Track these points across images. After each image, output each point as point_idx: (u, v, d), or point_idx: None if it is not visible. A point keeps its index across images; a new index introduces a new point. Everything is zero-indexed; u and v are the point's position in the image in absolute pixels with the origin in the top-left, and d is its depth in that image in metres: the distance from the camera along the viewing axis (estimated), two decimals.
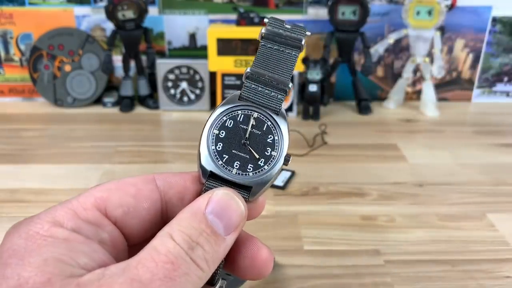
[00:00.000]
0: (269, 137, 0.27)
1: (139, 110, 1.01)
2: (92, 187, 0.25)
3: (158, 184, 0.26)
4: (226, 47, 0.93)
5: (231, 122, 0.27)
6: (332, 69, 1.01)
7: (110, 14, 0.93)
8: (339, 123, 0.95)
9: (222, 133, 0.27)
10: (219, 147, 0.27)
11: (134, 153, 0.82)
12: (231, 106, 0.27)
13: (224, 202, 0.24)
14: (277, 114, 0.27)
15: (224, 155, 0.27)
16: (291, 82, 0.27)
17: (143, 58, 1.01)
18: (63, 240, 0.22)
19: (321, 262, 0.55)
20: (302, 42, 0.28)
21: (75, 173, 0.75)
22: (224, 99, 0.27)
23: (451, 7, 0.98)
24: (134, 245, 0.26)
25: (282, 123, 0.27)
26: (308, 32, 0.28)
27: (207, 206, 0.24)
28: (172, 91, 0.99)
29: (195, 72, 0.98)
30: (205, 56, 0.97)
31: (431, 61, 0.98)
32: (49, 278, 0.20)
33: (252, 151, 0.27)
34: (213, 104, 1.00)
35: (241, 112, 0.27)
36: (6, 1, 0.98)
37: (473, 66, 1.05)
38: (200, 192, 0.27)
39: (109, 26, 0.98)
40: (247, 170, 0.26)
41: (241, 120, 0.27)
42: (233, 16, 0.99)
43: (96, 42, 1.00)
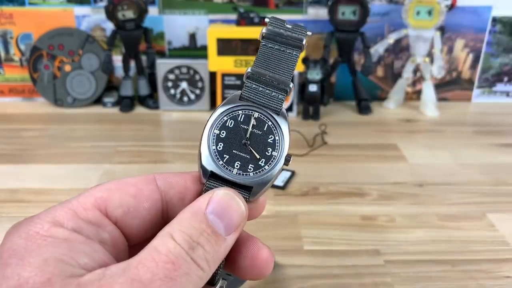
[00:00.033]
0: (269, 137, 0.27)
1: (139, 110, 1.01)
2: (92, 187, 0.25)
3: (159, 184, 0.26)
4: (226, 47, 0.93)
5: (231, 122, 0.27)
6: (332, 69, 1.01)
7: (110, 14, 0.93)
8: (339, 123, 0.95)
9: (223, 133, 0.27)
10: (219, 147, 0.27)
11: (134, 153, 0.81)
12: (231, 106, 0.27)
13: (224, 202, 0.24)
14: (278, 114, 0.27)
15: (224, 155, 0.27)
16: (291, 82, 0.27)
17: (143, 58, 1.01)
18: (63, 240, 0.22)
19: (321, 262, 0.55)
20: (303, 42, 0.28)
21: (75, 173, 0.75)
22: (225, 99, 0.27)
23: (451, 7, 0.98)
24: (134, 245, 0.26)
25: (282, 123, 0.27)
26: (309, 32, 0.28)
27: (207, 206, 0.24)
28: (172, 91, 0.99)
29: (195, 72, 0.98)
30: (205, 56, 0.97)
31: (431, 61, 0.98)
32: (49, 278, 0.20)
33: (253, 151, 0.27)
34: (213, 104, 1.00)
35: (242, 112, 0.27)
36: (6, 1, 0.98)
37: (473, 66, 1.05)
38: (200, 192, 0.27)
39: (109, 26, 0.98)
40: (248, 170, 0.26)
41: (241, 120, 0.27)
42: (233, 16, 0.99)
43: (96, 42, 1.00)
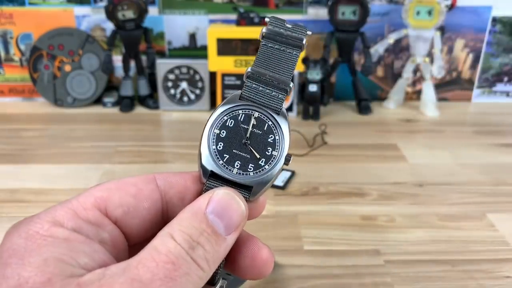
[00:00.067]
0: (270, 136, 0.27)
1: (139, 110, 1.01)
2: (92, 187, 0.25)
3: (159, 184, 0.26)
4: (226, 47, 0.93)
5: (232, 121, 0.27)
6: (332, 69, 1.01)
7: (110, 14, 0.93)
8: (339, 123, 0.95)
9: (223, 132, 0.27)
10: (220, 147, 0.27)
11: (134, 153, 0.81)
12: (232, 105, 0.27)
13: (224, 202, 0.24)
14: (278, 114, 0.27)
15: (225, 155, 0.27)
16: (292, 81, 0.27)
17: (143, 58, 1.01)
18: (63, 240, 0.22)
19: (321, 262, 0.55)
20: (303, 42, 0.28)
21: (75, 173, 0.75)
22: (225, 99, 0.27)
23: (451, 7, 0.98)
24: (134, 244, 0.26)
25: (283, 123, 0.27)
26: (309, 32, 0.28)
27: (207, 205, 0.24)
28: (172, 91, 0.99)
29: (195, 72, 0.98)
30: (205, 56, 0.97)
31: (431, 61, 0.98)
32: (49, 278, 0.20)
33: (253, 150, 0.27)
34: (213, 104, 1.00)
35: (242, 111, 0.27)
36: (6, 1, 0.98)
37: (473, 66, 1.05)
38: (200, 191, 0.27)
39: (109, 26, 0.98)
40: (248, 169, 0.26)
41: (242, 119, 0.27)
42: (233, 16, 0.99)
43: (96, 42, 1.00)
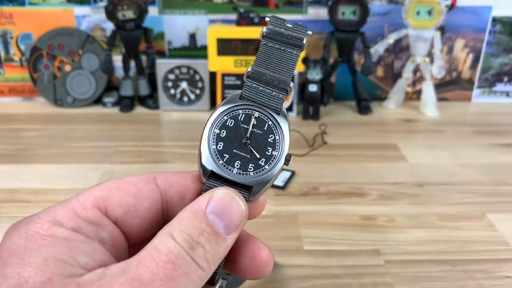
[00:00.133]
0: (270, 136, 0.27)
1: (139, 110, 1.01)
2: (92, 186, 0.25)
3: (159, 184, 0.26)
4: (226, 47, 0.93)
5: (232, 121, 0.27)
6: (332, 69, 1.01)
7: (110, 14, 0.93)
8: (339, 123, 0.95)
9: (223, 132, 0.27)
10: (220, 147, 0.27)
11: (134, 153, 0.81)
12: (232, 105, 0.27)
13: (224, 202, 0.24)
14: (278, 114, 0.27)
15: (225, 155, 0.26)
16: (292, 81, 0.27)
17: (143, 58, 1.01)
18: (63, 239, 0.22)
19: (321, 262, 0.55)
20: (304, 41, 0.28)
21: (75, 173, 0.75)
22: (225, 99, 0.27)
23: (451, 7, 0.98)
24: (134, 244, 0.26)
25: (283, 123, 0.27)
26: (309, 31, 0.28)
27: (207, 205, 0.24)
28: (172, 91, 0.99)
29: (195, 72, 0.98)
30: (205, 56, 0.97)
31: (431, 61, 0.98)
32: (49, 277, 0.20)
33: (253, 150, 0.27)
34: (213, 104, 1.00)
35: (242, 111, 0.27)
36: (6, 1, 0.98)
37: (473, 66, 1.05)
38: (200, 191, 0.27)
39: (109, 26, 0.98)
40: (248, 169, 0.26)
41: (242, 119, 0.27)
42: (233, 16, 0.99)
43: (96, 42, 1.00)
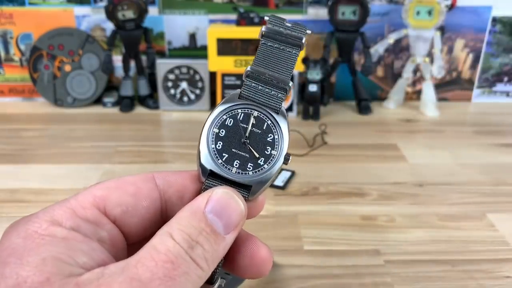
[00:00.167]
0: (269, 136, 0.27)
1: (139, 110, 1.01)
2: (91, 186, 0.25)
3: (158, 183, 0.26)
4: (226, 47, 0.93)
5: (231, 120, 0.27)
6: (332, 69, 1.01)
7: (110, 14, 0.93)
8: (339, 123, 0.94)
9: (222, 131, 0.27)
10: (219, 146, 0.27)
11: (134, 153, 0.81)
12: (231, 104, 0.27)
13: (223, 201, 0.24)
14: (277, 113, 0.27)
15: (224, 154, 0.26)
16: (291, 80, 0.27)
17: (143, 58, 1.01)
18: (61, 239, 0.22)
19: (321, 262, 0.55)
20: (303, 41, 0.28)
21: (75, 173, 0.75)
22: (224, 98, 0.27)
23: (451, 7, 0.98)
24: (133, 243, 0.26)
25: (282, 122, 0.27)
26: (308, 31, 0.28)
27: (206, 205, 0.24)
28: (172, 91, 0.99)
29: (195, 72, 0.98)
30: (205, 56, 0.97)
31: (431, 61, 0.98)
32: (48, 277, 0.20)
33: (252, 150, 0.27)
34: (213, 104, 1.00)
35: (241, 110, 0.27)
36: (6, 1, 0.98)
37: (473, 66, 1.05)
38: (199, 191, 0.27)
39: (109, 26, 0.98)
40: (247, 169, 0.26)
41: (241, 118, 0.27)
42: (233, 16, 0.99)
43: (96, 42, 1.00)
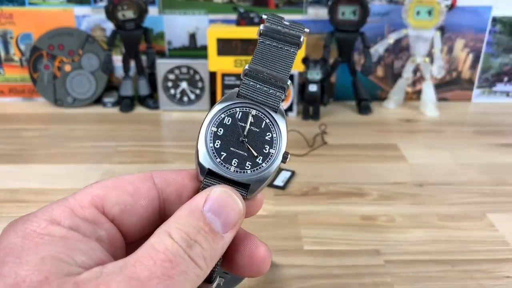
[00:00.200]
0: (267, 134, 0.27)
1: (139, 110, 1.01)
2: (89, 185, 0.25)
3: (156, 182, 0.26)
4: (226, 47, 0.93)
5: (229, 119, 0.27)
6: (332, 69, 1.01)
7: (110, 14, 0.93)
8: (339, 123, 0.94)
9: (220, 130, 0.27)
10: (217, 145, 0.27)
11: (134, 153, 0.81)
12: (229, 103, 0.27)
13: (222, 200, 0.24)
14: (276, 112, 0.27)
15: (222, 153, 0.26)
16: (289, 79, 0.27)
17: (143, 58, 1.01)
18: (60, 238, 0.22)
19: (321, 262, 0.55)
20: (301, 39, 0.28)
21: (75, 173, 0.75)
22: (223, 97, 0.27)
23: (451, 7, 0.98)
24: (131, 242, 0.26)
25: (280, 121, 0.27)
26: (306, 29, 0.28)
27: (205, 203, 0.24)
28: (172, 91, 0.99)
29: (195, 72, 0.98)
30: (205, 56, 0.97)
31: (431, 61, 0.98)
32: (46, 276, 0.20)
33: (250, 148, 0.27)
34: (213, 104, 0.99)
35: (239, 109, 0.27)
36: (6, 1, 0.98)
37: (473, 66, 1.05)
38: (198, 189, 0.27)
39: (109, 26, 0.98)
40: (245, 167, 0.26)
41: (239, 117, 0.27)
42: (233, 16, 0.99)
43: (96, 42, 1.00)
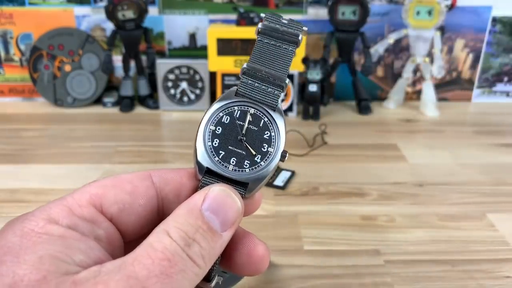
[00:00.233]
0: (265, 133, 0.27)
1: (139, 110, 1.01)
2: (87, 184, 0.25)
3: (154, 181, 0.26)
4: (226, 47, 0.93)
5: (227, 118, 0.27)
6: (332, 69, 1.01)
7: (110, 14, 0.93)
8: (339, 123, 0.94)
9: (219, 129, 0.27)
10: (215, 143, 0.26)
11: (134, 153, 0.81)
12: (227, 102, 0.27)
13: (220, 199, 0.24)
14: (274, 110, 0.27)
15: (220, 151, 0.26)
16: (288, 78, 0.27)
17: (143, 58, 1.01)
18: (58, 237, 0.22)
19: (321, 262, 0.55)
20: (299, 37, 0.28)
21: (75, 173, 0.75)
22: (221, 95, 0.27)
23: (451, 7, 0.98)
24: (130, 241, 0.26)
25: (278, 119, 0.27)
26: (305, 27, 0.28)
27: (203, 202, 0.24)
28: (172, 91, 0.99)
29: (195, 72, 0.98)
30: (205, 56, 0.97)
31: (431, 61, 0.98)
32: (45, 275, 0.20)
33: (249, 147, 0.27)
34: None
35: (238, 108, 0.27)
36: (6, 1, 0.98)
37: (473, 66, 1.05)
38: (196, 188, 0.27)
39: (109, 26, 0.98)
40: (244, 166, 0.26)
41: (237, 116, 0.27)
42: (233, 16, 0.99)
43: (96, 42, 1.00)
